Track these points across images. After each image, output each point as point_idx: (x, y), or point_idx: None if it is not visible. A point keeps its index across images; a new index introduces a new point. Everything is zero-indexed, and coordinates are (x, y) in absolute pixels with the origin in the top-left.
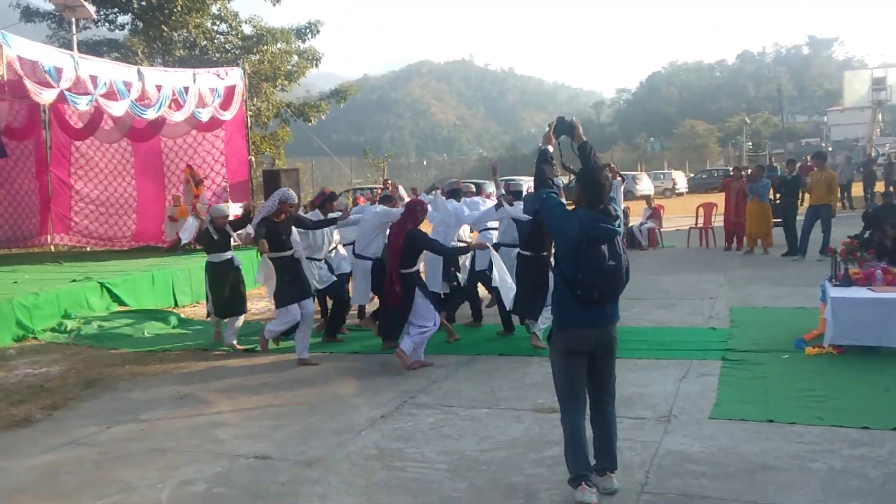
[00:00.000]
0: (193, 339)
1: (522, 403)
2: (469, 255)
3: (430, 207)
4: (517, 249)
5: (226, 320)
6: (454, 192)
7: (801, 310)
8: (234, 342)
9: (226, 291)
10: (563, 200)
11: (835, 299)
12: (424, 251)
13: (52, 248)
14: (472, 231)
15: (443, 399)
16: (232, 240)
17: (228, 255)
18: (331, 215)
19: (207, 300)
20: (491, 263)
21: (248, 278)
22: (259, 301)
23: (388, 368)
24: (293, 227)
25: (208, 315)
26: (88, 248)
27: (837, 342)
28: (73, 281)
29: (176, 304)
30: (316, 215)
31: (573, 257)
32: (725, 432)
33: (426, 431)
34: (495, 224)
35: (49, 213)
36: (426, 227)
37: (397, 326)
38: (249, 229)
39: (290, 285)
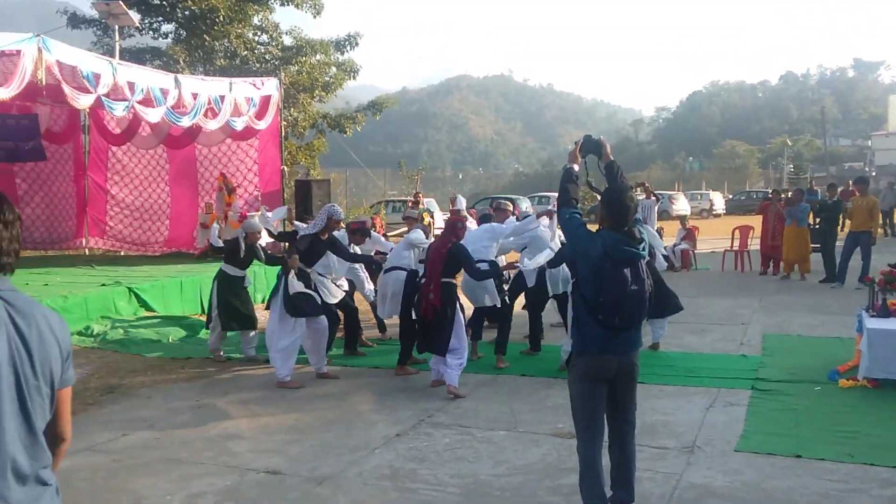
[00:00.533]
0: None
1: (542, 427)
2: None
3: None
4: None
5: (228, 335)
6: (486, 217)
7: (837, 339)
8: (254, 354)
9: (235, 304)
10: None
11: (871, 330)
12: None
13: (87, 251)
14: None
15: (460, 419)
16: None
17: (243, 273)
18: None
19: (212, 310)
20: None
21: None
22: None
23: (407, 385)
24: (328, 251)
25: (208, 326)
26: (122, 253)
27: (872, 375)
28: (103, 285)
29: (203, 311)
30: (342, 236)
31: (595, 280)
32: (751, 466)
33: (441, 452)
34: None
35: (85, 216)
36: None
37: (439, 341)
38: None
39: (307, 299)
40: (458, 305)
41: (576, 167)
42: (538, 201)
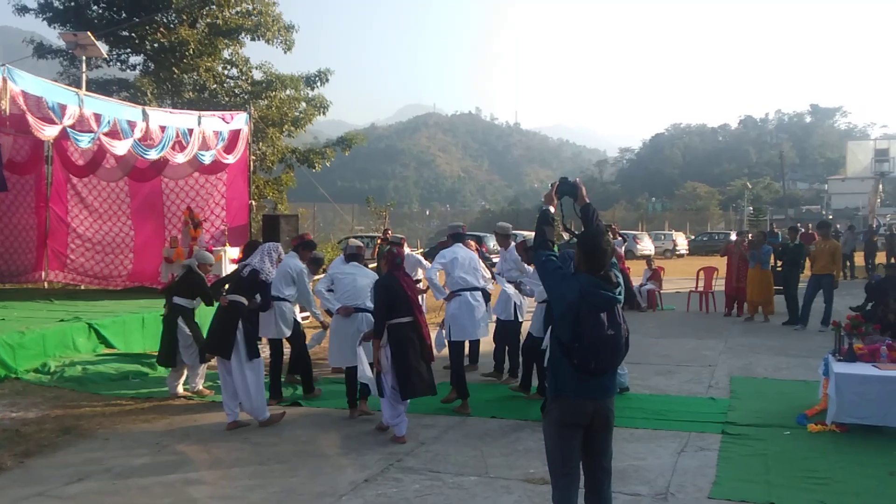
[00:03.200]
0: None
1: (513, 472)
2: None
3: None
4: None
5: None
6: (458, 237)
7: (803, 383)
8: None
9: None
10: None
11: (839, 375)
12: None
13: (46, 284)
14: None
15: (430, 464)
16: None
17: (197, 303)
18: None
19: (176, 351)
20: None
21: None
22: None
23: (374, 427)
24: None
25: (164, 363)
26: (83, 287)
27: (841, 420)
28: (61, 321)
29: None
30: (292, 257)
31: (571, 324)
32: None
33: (411, 499)
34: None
35: (45, 249)
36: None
37: (431, 378)
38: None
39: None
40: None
41: (552, 209)
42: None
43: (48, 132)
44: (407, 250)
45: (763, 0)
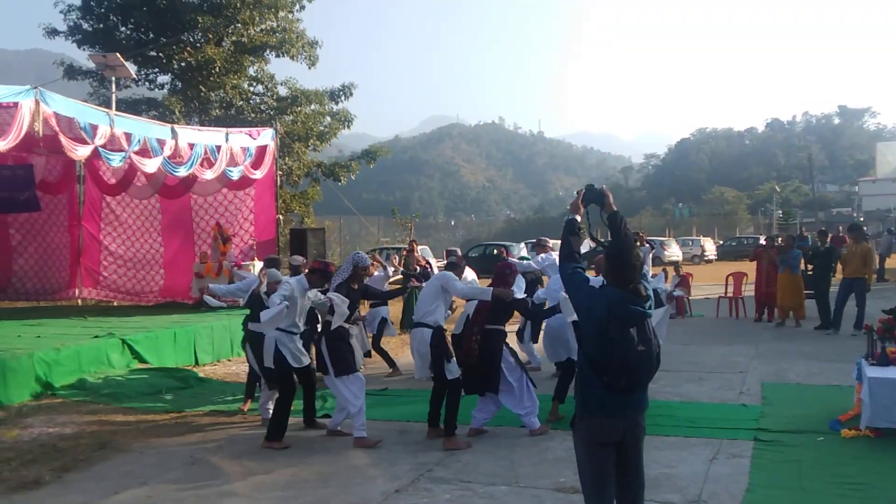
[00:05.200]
0: (211, 399)
1: (543, 481)
2: None
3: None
4: None
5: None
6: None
7: (836, 388)
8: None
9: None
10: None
11: (872, 379)
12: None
13: (80, 301)
14: None
15: (460, 473)
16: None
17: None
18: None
19: (255, 370)
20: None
21: None
22: None
23: (404, 437)
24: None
25: (254, 387)
26: (115, 303)
27: (875, 424)
28: (95, 337)
29: (197, 363)
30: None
31: (600, 340)
32: None
33: None
34: None
35: (78, 266)
36: None
37: (486, 380)
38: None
39: (352, 355)
40: (507, 351)
41: (578, 218)
42: (531, 247)
43: (81, 152)
44: (377, 273)
45: (789, 1)
